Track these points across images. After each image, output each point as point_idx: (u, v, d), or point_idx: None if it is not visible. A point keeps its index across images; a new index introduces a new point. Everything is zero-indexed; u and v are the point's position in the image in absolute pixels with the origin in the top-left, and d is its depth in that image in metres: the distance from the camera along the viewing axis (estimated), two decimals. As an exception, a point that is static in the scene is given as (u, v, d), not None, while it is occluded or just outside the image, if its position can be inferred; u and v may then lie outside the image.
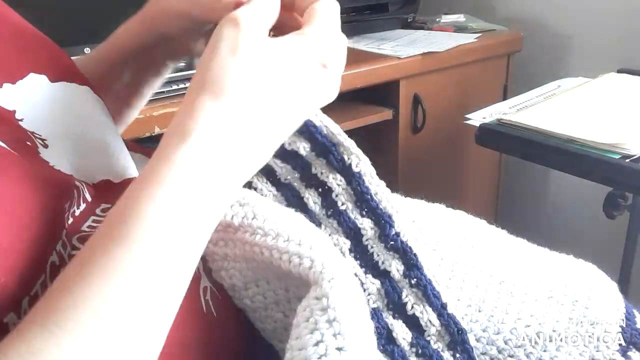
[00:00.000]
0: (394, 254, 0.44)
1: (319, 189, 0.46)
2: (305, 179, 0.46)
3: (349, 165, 0.45)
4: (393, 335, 0.42)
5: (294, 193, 0.46)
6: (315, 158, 0.46)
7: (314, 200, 0.46)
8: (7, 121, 0.37)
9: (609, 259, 0.90)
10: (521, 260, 0.49)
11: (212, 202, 0.34)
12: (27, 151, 0.37)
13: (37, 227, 0.32)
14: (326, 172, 0.46)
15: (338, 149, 0.45)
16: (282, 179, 0.47)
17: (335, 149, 0.45)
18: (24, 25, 0.43)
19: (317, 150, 0.46)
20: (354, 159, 0.45)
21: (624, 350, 0.45)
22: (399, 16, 1.44)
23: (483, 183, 1.51)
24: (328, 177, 0.45)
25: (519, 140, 0.94)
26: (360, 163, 0.45)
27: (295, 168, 0.46)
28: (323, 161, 0.46)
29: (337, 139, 0.46)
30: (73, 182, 0.39)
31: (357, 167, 0.45)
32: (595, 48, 1.41)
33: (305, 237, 0.39)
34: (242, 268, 0.42)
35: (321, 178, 0.45)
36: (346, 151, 0.45)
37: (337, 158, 0.45)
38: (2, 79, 0.38)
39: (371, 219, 0.45)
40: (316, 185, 0.46)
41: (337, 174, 0.45)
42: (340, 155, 0.45)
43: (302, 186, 0.46)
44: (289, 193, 0.46)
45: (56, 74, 0.42)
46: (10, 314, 0.29)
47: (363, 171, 0.45)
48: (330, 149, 0.45)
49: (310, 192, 0.46)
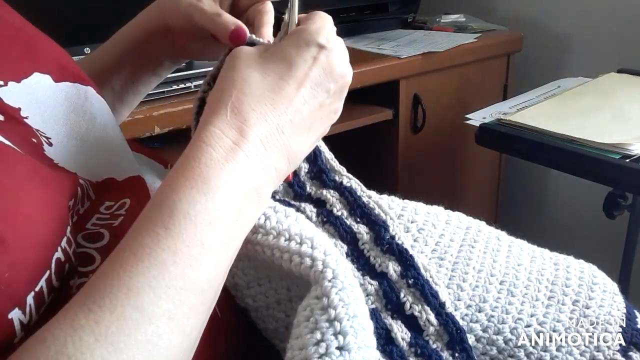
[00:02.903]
0: (390, 256, 0.45)
1: (314, 202, 0.48)
2: (299, 197, 0.49)
3: (340, 182, 0.49)
4: (392, 335, 0.42)
5: (290, 204, 0.47)
6: (309, 179, 0.49)
7: (310, 209, 0.46)
8: (12, 118, 0.37)
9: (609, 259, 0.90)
10: (521, 260, 0.49)
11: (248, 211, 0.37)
12: (33, 148, 0.37)
13: (42, 224, 0.32)
14: (320, 190, 0.49)
15: (330, 172, 0.49)
16: (276, 197, 0.48)
17: (329, 172, 0.49)
18: (27, 26, 0.44)
19: (313, 171, 0.49)
20: (345, 179, 0.49)
21: (625, 350, 0.45)
22: (399, 16, 1.44)
23: (483, 183, 1.51)
24: (322, 193, 0.48)
25: (519, 140, 0.94)
26: (351, 181, 0.49)
27: (292, 186, 0.49)
28: (317, 182, 0.49)
29: (331, 164, 0.50)
30: (77, 180, 0.39)
31: (348, 184, 0.49)
32: (595, 48, 1.41)
33: (306, 237, 0.39)
34: (245, 267, 0.43)
35: (315, 196, 0.48)
36: (337, 174, 0.49)
37: (330, 178, 0.49)
38: (7, 77, 0.39)
39: (366, 224, 0.46)
40: (311, 200, 0.48)
41: (330, 190, 0.48)
42: (332, 177, 0.49)
43: (297, 202, 0.48)
44: (285, 204, 0.47)
45: (60, 74, 0.42)
46: (15, 310, 0.29)
47: (354, 186, 0.49)
48: (324, 171, 0.49)
49: (306, 204, 0.47)
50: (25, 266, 0.30)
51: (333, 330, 0.34)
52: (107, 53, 0.54)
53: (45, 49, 0.43)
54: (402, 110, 1.23)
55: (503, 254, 0.49)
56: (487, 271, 0.47)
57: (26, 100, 0.39)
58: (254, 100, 0.37)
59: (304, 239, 0.39)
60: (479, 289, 0.45)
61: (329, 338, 0.34)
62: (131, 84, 0.56)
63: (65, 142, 0.41)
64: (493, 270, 0.47)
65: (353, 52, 1.22)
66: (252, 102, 0.37)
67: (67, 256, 0.34)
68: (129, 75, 0.55)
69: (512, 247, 0.51)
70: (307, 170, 0.49)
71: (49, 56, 0.43)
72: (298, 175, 0.49)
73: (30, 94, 0.40)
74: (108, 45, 0.55)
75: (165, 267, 0.31)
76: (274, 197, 0.48)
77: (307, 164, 0.49)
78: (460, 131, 1.28)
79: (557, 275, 0.48)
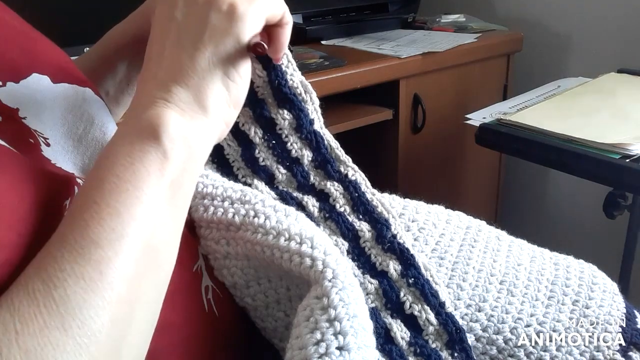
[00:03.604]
0: (391, 255, 0.45)
1: (317, 195, 0.47)
2: (302, 187, 0.48)
3: (345, 174, 0.48)
4: (391, 335, 0.42)
5: (292, 196, 0.47)
6: (314, 168, 0.48)
7: (312, 203, 0.46)
8: (10, 118, 0.38)
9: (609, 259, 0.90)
10: (521, 260, 0.49)
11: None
12: (29, 149, 0.37)
13: (35, 223, 0.32)
14: (324, 180, 0.48)
15: (335, 162, 0.48)
16: (279, 187, 0.47)
17: (334, 161, 0.48)
18: (26, 27, 0.44)
19: (317, 160, 0.48)
20: (350, 171, 0.48)
21: (625, 350, 0.45)
22: (399, 16, 1.44)
23: (483, 183, 1.51)
24: (326, 185, 0.47)
25: (519, 140, 0.94)
26: (356, 174, 0.48)
27: (296, 176, 0.48)
28: (321, 172, 0.48)
29: (336, 153, 0.48)
30: (74, 180, 0.39)
31: (353, 177, 0.48)
32: (595, 48, 1.41)
33: (306, 236, 0.39)
34: (244, 266, 0.42)
35: (319, 187, 0.48)
36: (342, 164, 0.48)
37: (335, 169, 0.48)
38: (6, 78, 0.39)
39: (368, 222, 0.46)
40: (314, 192, 0.48)
41: (335, 182, 0.47)
42: (337, 167, 0.48)
43: (300, 194, 0.47)
44: (288, 196, 0.46)
45: (58, 75, 0.42)
46: None
47: (358, 180, 0.48)
48: (329, 160, 0.48)
49: (308, 197, 0.47)
50: (17, 264, 0.30)
51: (333, 330, 0.34)
52: (98, 54, 0.54)
53: (44, 50, 0.43)
54: (402, 110, 1.23)
55: (503, 253, 0.49)
56: (487, 271, 0.47)
57: (24, 101, 0.39)
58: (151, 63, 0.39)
59: (304, 238, 0.39)
60: (479, 288, 0.46)
61: (329, 338, 0.34)
62: (126, 85, 0.56)
63: (63, 143, 0.41)
64: (493, 269, 0.47)
65: (353, 52, 1.23)
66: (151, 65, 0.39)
67: None
68: (124, 76, 0.55)
69: (512, 246, 0.51)
70: (312, 159, 0.48)
71: (48, 57, 0.43)
72: (302, 163, 0.48)
73: (28, 95, 0.40)
74: (99, 46, 0.54)
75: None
76: (277, 188, 0.48)
77: (311, 152, 0.48)
78: (460, 131, 1.28)
79: (557, 275, 0.48)
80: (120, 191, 0.32)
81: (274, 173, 0.47)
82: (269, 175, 0.47)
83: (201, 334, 0.40)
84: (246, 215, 0.41)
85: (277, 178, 0.47)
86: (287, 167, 0.48)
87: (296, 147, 0.47)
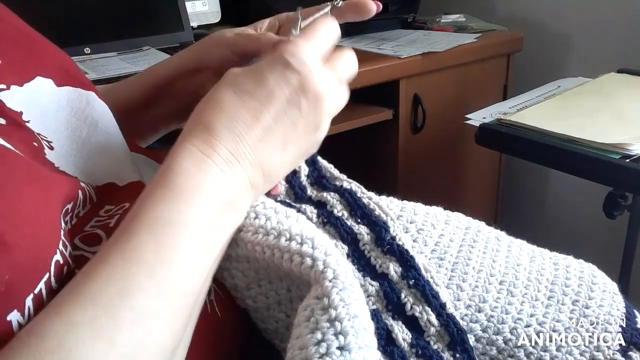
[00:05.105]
0: (391, 257, 0.45)
1: (315, 204, 0.48)
2: (300, 199, 0.49)
3: (340, 186, 0.49)
4: (393, 336, 0.42)
5: (291, 205, 0.47)
6: (309, 185, 0.50)
7: (310, 210, 0.46)
8: (14, 122, 0.38)
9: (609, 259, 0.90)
10: (520, 260, 0.49)
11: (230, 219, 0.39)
12: (34, 152, 0.37)
13: (41, 226, 0.32)
14: (320, 192, 0.49)
15: (330, 178, 0.51)
16: (277, 198, 0.48)
17: (329, 177, 0.51)
18: (29, 30, 0.44)
19: (313, 176, 0.51)
20: (345, 183, 0.50)
21: (625, 350, 0.45)
22: (399, 16, 1.44)
23: (483, 183, 1.51)
24: (322, 196, 0.49)
25: (519, 140, 0.94)
26: (351, 184, 0.49)
27: (293, 187, 0.49)
28: (317, 187, 0.50)
29: (331, 173, 0.51)
30: (78, 184, 0.39)
31: (348, 186, 0.49)
32: (595, 48, 1.41)
33: (307, 237, 0.39)
34: (245, 268, 0.43)
35: (316, 198, 0.49)
36: (337, 180, 0.50)
37: (330, 182, 0.50)
38: (10, 81, 0.39)
39: (366, 225, 0.46)
40: (311, 202, 0.49)
41: (331, 192, 0.49)
42: (332, 182, 0.50)
43: (298, 203, 0.48)
44: (287, 205, 0.47)
45: (62, 78, 0.42)
46: (13, 311, 0.29)
47: (353, 189, 0.49)
48: (324, 176, 0.50)
49: (307, 205, 0.48)
50: (25, 268, 0.30)
51: (334, 330, 0.34)
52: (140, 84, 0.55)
53: (48, 53, 0.44)
54: (402, 110, 1.23)
55: (502, 254, 0.49)
56: (486, 271, 0.47)
57: (28, 104, 0.39)
58: (225, 117, 0.39)
59: (305, 239, 0.39)
60: (479, 289, 0.46)
61: (330, 338, 0.34)
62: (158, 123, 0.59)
63: (66, 146, 0.41)
64: (493, 270, 0.47)
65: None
66: (223, 119, 0.39)
67: (65, 259, 0.34)
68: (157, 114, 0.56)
69: (511, 247, 0.51)
70: (307, 174, 0.50)
71: (52, 60, 0.43)
72: (299, 177, 0.50)
73: (32, 98, 0.40)
74: (145, 75, 0.56)
75: (153, 270, 0.32)
76: (276, 199, 0.48)
77: (307, 168, 0.50)
78: (460, 131, 1.28)
79: (556, 275, 0.48)
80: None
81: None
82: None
83: (204, 335, 0.40)
84: (247, 217, 0.41)
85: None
86: (285, 179, 0.50)
87: None
